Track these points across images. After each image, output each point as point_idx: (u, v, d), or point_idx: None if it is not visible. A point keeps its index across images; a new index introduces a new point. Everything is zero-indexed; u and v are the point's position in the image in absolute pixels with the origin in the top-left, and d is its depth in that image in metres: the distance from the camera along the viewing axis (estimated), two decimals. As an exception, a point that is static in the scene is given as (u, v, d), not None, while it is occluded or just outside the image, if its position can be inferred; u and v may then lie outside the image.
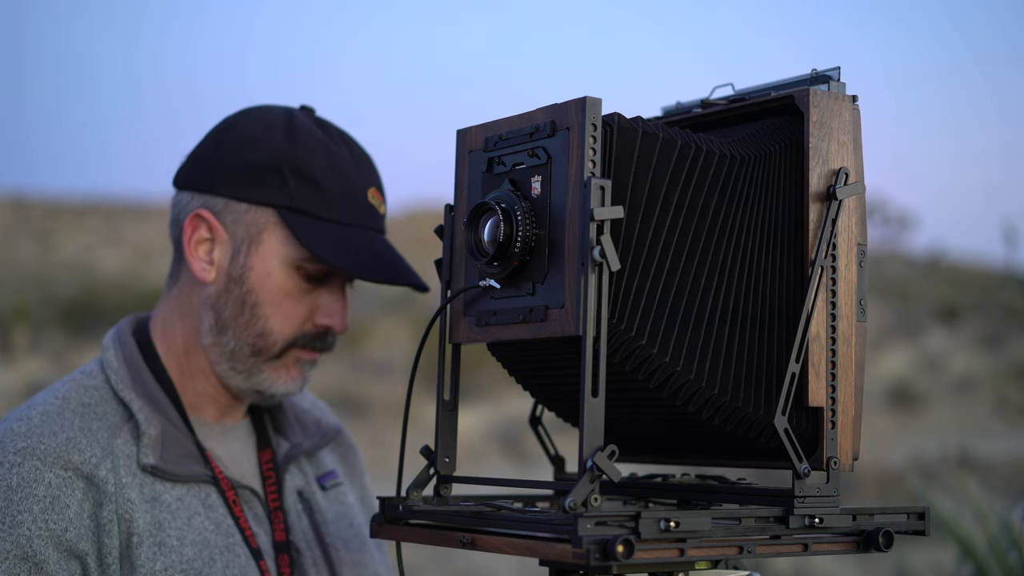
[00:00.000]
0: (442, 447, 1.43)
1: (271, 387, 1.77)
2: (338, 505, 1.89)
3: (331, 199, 1.74)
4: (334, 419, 2.01)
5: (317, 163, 1.74)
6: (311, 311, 1.76)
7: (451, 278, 1.42)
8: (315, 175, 1.74)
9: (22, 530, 1.58)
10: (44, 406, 1.69)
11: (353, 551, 1.87)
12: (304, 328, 1.76)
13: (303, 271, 1.74)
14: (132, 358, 1.76)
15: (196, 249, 1.76)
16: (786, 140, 1.39)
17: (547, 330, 1.29)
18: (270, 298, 1.73)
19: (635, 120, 1.31)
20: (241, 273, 1.74)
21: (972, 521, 3.03)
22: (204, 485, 1.72)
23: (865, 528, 1.36)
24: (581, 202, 1.25)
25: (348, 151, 1.79)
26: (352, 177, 1.77)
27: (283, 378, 1.77)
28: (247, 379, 1.76)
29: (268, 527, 1.77)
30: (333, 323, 1.77)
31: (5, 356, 13.24)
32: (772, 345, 1.37)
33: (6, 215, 38.41)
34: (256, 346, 1.74)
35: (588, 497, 1.20)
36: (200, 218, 1.76)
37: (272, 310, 1.73)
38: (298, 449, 1.86)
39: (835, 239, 1.37)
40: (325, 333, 1.78)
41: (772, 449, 1.36)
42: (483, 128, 1.40)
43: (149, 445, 1.68)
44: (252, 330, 1.73)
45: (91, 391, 1.73)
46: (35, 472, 1.62)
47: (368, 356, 18.53)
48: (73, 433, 1.66)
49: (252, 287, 1.73)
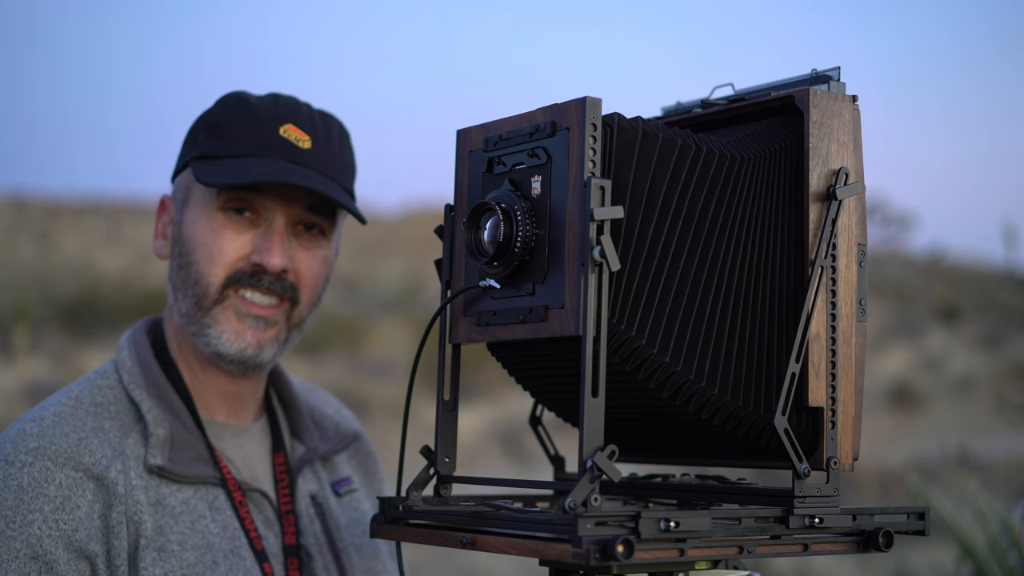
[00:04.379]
0: (442, 447, 1.43)
1: (220, 343, 1.75)
2: (352, 511, 1.89)
3: (234, 138, 1.77)
4: (354, 425, 2.00)
5: (225, 111, 1.80)
6: (246, 252, 1.76)
7: (451, 278, 1.42)
8: (221, 122, 1.79)
9: (32, 529, 1.58)
10: (57, 407, 1.70)
11: (366, 558, 1.86)
12: (237, 267, 1.75)
13: (224, 210, 1.76)
14: (145, 358, 1.77)
15: (163, 232, 1.84)
16: (786, 140, 1.39)
17: (547, 330, 1.29)
18: (198, 242, 1.76)
19: (635, 120, 1.31)
20: (178, 232, 1.79)
21: (972, 521, 3.03)
22: (212, 487, 1.72)
23: (865, 528, 1.36)
24: (581, 202, 1.25)
25: (273, 100, 1.81)
26: (262, 116, 1.79)
27: (229, 332, 1.75)
28: (203, 340, 1.76)
29: (279, 530, 1.76)
30: (263, 260, 1.75)
31: (5, 356, 13.23)
32: (772, 345, 1.37)
33: (6, 215, 38.42)
34: (196, 295, 1.75)
35: (588, 497, 1.20)
36: (163, 204, 1.85)
37: (201, 254, 1.75)
38: (313, 453, 1.86)
39: (835, 239, 1.37)
40: (260, 271, 1.76)
41: (772, 449, 1.36)
42: (483, 128, 1.41)
43: (157, 446, 1.68)
44: (190, 280, 1.76)
45: (104, 391, 1.73)
46: (46, 472, 1.62)
47: (368, 356, 18.52)
48: (85, 434, 1.66)
49: (184, 238, 1.77)
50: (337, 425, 1.95)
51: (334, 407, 1.99)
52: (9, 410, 8.98)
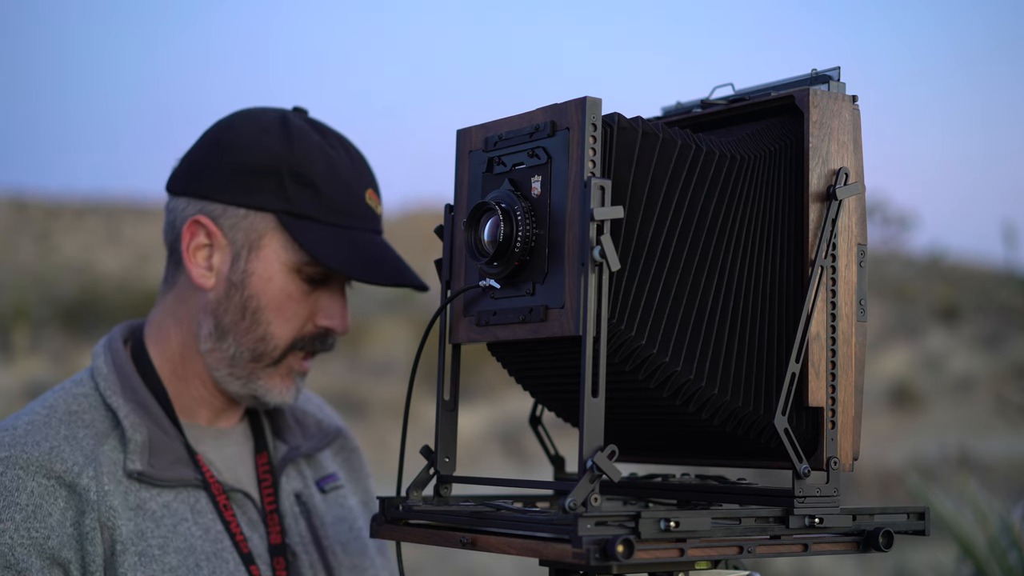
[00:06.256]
0: (442, 447, 1.43)
1: (266, 395, 1.77)
2: (338, 508, 1.89)
3: (330, 202, 1.74)
4: (336, 421, 2.00)
5: (315, 166, 1.74)
6: (311, 313, 1.76)
7: (451, 278, 1.42)
8: (313, 178, 1.74)
9: (4, 538, 1.58)
10: (31, 415, 1.70)
11: (352, 555, 1.86)
12: (304, 331, 1.76)
13: (303, 274, 1.74)
14: (121, 365, 1.76)
15: (195, 255, 1.75)
16: (786, 140, 1.39)
17: (547, 330, 1.29)
18: (272, 303, 1.73)
19: (635, 120, 1.31)
20: (242, 279, 1.73)
21: (972, 521, 3.03)
22: (193, 490, 1.72)
23: (865, 528, 1.36)
24: (581, 202, 1.25)
25: (344, 153, 1.79)
26: (350, 179, 1.77)
27: (278, 387, 1.77)
28: (244, 385, 1.76)
29: (263, 530, 1.76)
30: (334, 324, 1.77)
31: (5, 356, 13.23)
32: (772, 345, 1.37)
33: (6, 215, 38.41)
34: (257, 351, 1.74)
35: (588, 497, 1.20)
36: (198, 224, 1.75)
37: (274, 315, 1.73)
38: (296, 451, 1.86)
39: (835, 239, 1.37)
40: (325, 335, 1.78)
41: (772, 449, 1.36)
42: (483, 128, 1.40)
43: (135, 451, 1.68)
44: (253, 335, 1.73)
45: (79, 399, 1.73)
46: (17, 481, 1.62)
47: (368, 356, 18.52)
48: (57, 442, 1.66)
49: (253, 292, 1.73)
50: (320, 422, 1.95)
51: (316, 405, 1.99)
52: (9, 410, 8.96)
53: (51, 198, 43.09)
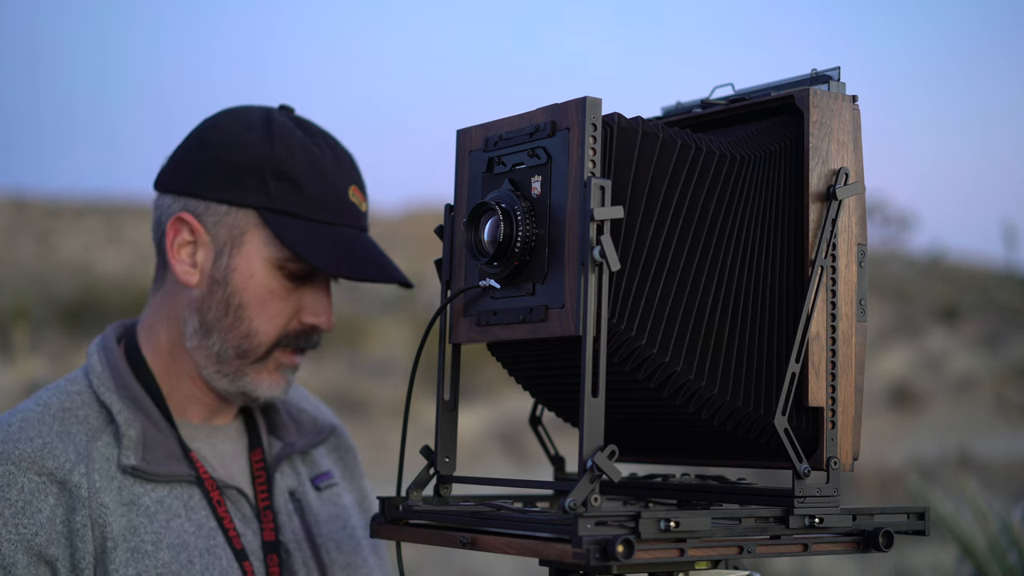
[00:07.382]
0: (442, 447, 1.43)
1: (255, 390, 1.77)
2: (332, 506, 1.89)
3: (312, 199, 1.74)
4: (331, 418, 2.00)
5: (297, 163, 1.75)
6: (296, 310, 1.76)
7: (451, 278, 1.42)
8: (295, 175, 1.74)
9: None
10: (24, 412, 1.70)
11: (346, 553, 1.86)
12: (289, 328, 1.76)
13: (286, 271, 1.75)
14: (115, 362, 1.76)
15: (179, 252, 1.76)
16: (786, 140, 1.39)
17: (547, 330, 1.29)
18: (254, 299, 1.74)
19: (635, 120, 1.31)
20: (224, 275, 1.74)
21: (972, 521, 3.03)
22: (187, 486, 1.72)
23: (865, 528, 1.36)
24: (581, 202, 1.25)
25: (329, 150, 1.79)
26: (333, 176, 1.77)
27: (267, 382, 1.77)
28: (232, 382, 1.76)
29: (257, 527, 1.76)
30: (319, 321, 1.77)
31: (5, 356, 13.23)
32: (772, 345, 1.37)
33: (6, 215, 38.40)
34: (241, 348, 1.74)
35: (588, 497, 1.20)
36: (182, 221, 1.76)
37: (257, 311, 1.74)
38: (291, 448, 1.86)
39: (835, 239, 1.37)
40: (311, 332, 1.78)
41: (772, 449, 1.36)
42: (483, 128, 1.40)
43: (129, 447, 1.68)
44: (237, 332, 1.74)
45: (73, 396, 1.73)
46: (8, 477, 1.62)
47: (368, 356, 18.52)
48: (50, 439, 1.67)
49: (236, 289, 1.73)
50: (315, 419, 1.95)
51: (312, 403, 2.00)
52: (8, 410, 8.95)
53: (51, 198, 43.09)
